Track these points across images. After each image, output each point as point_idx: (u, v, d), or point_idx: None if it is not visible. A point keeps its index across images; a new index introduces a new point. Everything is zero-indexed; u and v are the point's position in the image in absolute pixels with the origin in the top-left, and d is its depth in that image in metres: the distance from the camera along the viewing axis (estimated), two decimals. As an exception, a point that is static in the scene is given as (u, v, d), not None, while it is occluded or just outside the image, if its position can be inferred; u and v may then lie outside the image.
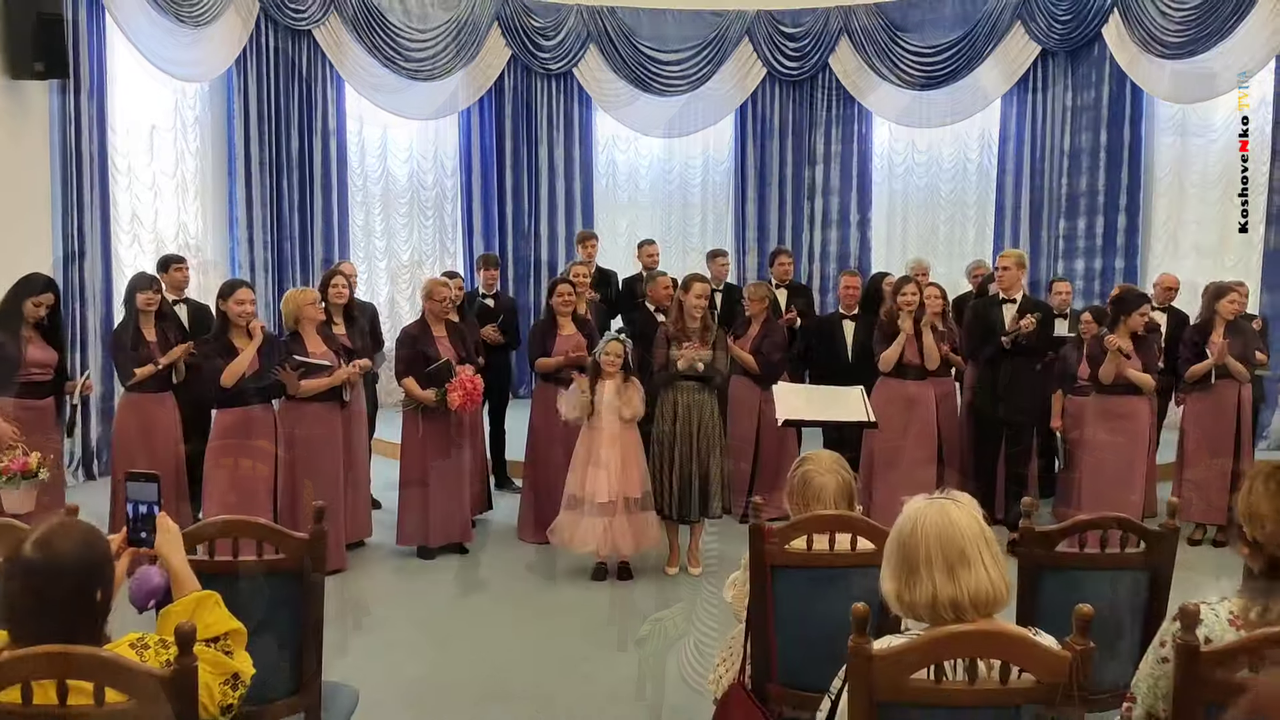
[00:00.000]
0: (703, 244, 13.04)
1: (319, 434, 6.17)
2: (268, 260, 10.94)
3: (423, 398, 6.49)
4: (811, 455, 3.13)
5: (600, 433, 6.18)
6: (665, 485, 6.30)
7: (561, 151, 12.89)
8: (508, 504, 7.95)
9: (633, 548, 6.18)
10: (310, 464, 6.15)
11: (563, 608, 5.87)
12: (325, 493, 6.18)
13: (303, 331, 6.20)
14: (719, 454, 6.31)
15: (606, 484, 6.10)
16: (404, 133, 12.50)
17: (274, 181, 11.07)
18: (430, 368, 6.50)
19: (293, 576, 2.91)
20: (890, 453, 6.52)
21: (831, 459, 3.09)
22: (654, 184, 13.40)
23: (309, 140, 11.41)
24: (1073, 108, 12.05)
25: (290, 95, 11.22)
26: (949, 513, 2.14)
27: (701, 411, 6.28)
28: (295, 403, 6.09)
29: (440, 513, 6.65)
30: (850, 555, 2.97)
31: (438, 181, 12.73)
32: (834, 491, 3.03)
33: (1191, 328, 7.25)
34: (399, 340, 6.78)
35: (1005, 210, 12.58)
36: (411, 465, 6.65)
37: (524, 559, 6.73)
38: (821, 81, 12.96)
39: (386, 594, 6.08)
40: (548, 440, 7.00)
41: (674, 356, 6.26)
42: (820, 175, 13.02)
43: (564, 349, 6.94)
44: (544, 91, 12.85)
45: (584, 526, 6.12)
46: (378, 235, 12.46)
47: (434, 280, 6.85)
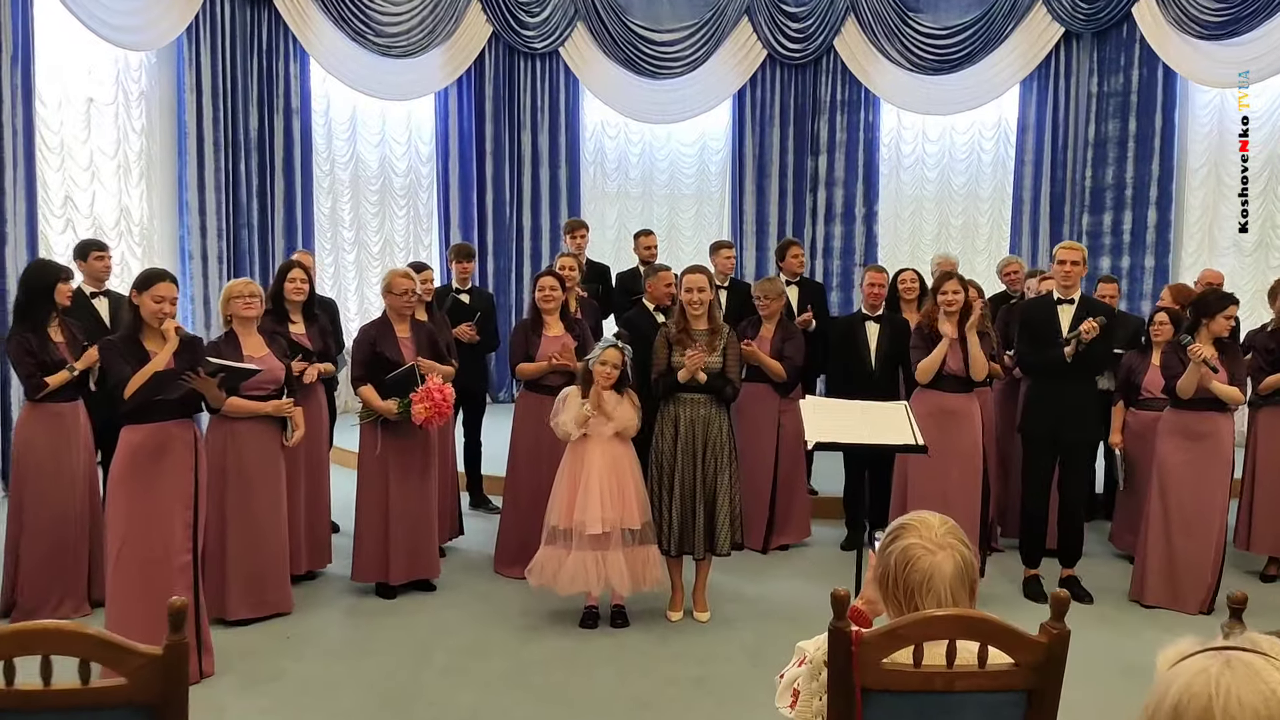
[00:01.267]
0: (697, 238, 12.34)
1: (256, 456, 5.19)
2: (222, 250, 9.98)
3: (383, 409, 5.53)
4: (915, 521, 2.16)
5: (590, 452, 5.23)
6: (664, 514, 5.34)
7: (546, 138, 12.12)
8: (483, 527, 7.00)
9: (630, 588, 5.22)
10: (245, 493, 5.17)
11: (546, 662, 4.90)
12: (263, 527, 5.24)
13: (238, 331, 5.22)
14: (729, 478, 5.35)
15: (600, 512, 5.15)
16: (375, 114, 11.62)
17: (230, 164, 10.12)
18: (392, 374, 5.53)
19: (135, 715, 1.90)
20: (928, 479, 5.58)
21: (944, 528, 2.13)
22: (645, 174, 12.65)
23: (269, 119, 10.47)
24: (1098, 94, 11.37)
25: (249, 69, 10.28)
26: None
27: (708, 428, 5.33)
28: (224, 422, 5.12)
29: (403, 544, 5.68)
30: (978, 674, 2.02)
31: (412, 168, 11.89)
32: (951, 576, 2.06)
33: (1267, 333, 6.39)
34: (355, 341, 5.80)
35: (1023, 204, 11.84)
36: (370, 488, 5.68)
37: (501, 599, 5.77)
38: (826, 65, 12.23)
39: (334, 645, 5.10)
40: (532, 456, 6.05)
41: (675, 363, 5.31)
42: (824, 166, 12.25)
43: (550, 352, 5.99)
44: (528, 72, 12.07)
45: (571, 563, 5.15)
46: (346, 225, 11.52)
47: (395, 272, 5.88)
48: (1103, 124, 11.25)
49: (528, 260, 12.11)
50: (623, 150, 12.58)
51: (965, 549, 2.11)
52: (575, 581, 5.16)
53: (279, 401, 5.20)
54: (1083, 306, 5.70)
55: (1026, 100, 11.74)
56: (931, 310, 5.73)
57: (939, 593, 2.06)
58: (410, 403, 5.47)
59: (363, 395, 5.60)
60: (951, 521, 2.16)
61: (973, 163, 12.20)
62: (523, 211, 12.11)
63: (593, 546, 5.16)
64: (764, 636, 5.25)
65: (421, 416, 5.45)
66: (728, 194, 12.50)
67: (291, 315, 6.02)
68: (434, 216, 11.91)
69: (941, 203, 12.26)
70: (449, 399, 5.53)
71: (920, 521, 2.18)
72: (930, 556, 2.08)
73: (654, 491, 5.34)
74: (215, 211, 9.91)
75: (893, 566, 2.12)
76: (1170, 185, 10.86)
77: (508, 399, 11.32)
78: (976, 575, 2.13)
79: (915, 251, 12.00)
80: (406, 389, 5.51)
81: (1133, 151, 11.04)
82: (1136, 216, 11.04)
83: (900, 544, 2.13)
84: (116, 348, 4.44)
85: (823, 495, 7.65)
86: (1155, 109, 10.88)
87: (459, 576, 6.12)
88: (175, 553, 4.46)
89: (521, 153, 12.04)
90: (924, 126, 12.26)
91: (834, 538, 7.03)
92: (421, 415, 5.44)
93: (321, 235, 11.17)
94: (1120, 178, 11.14)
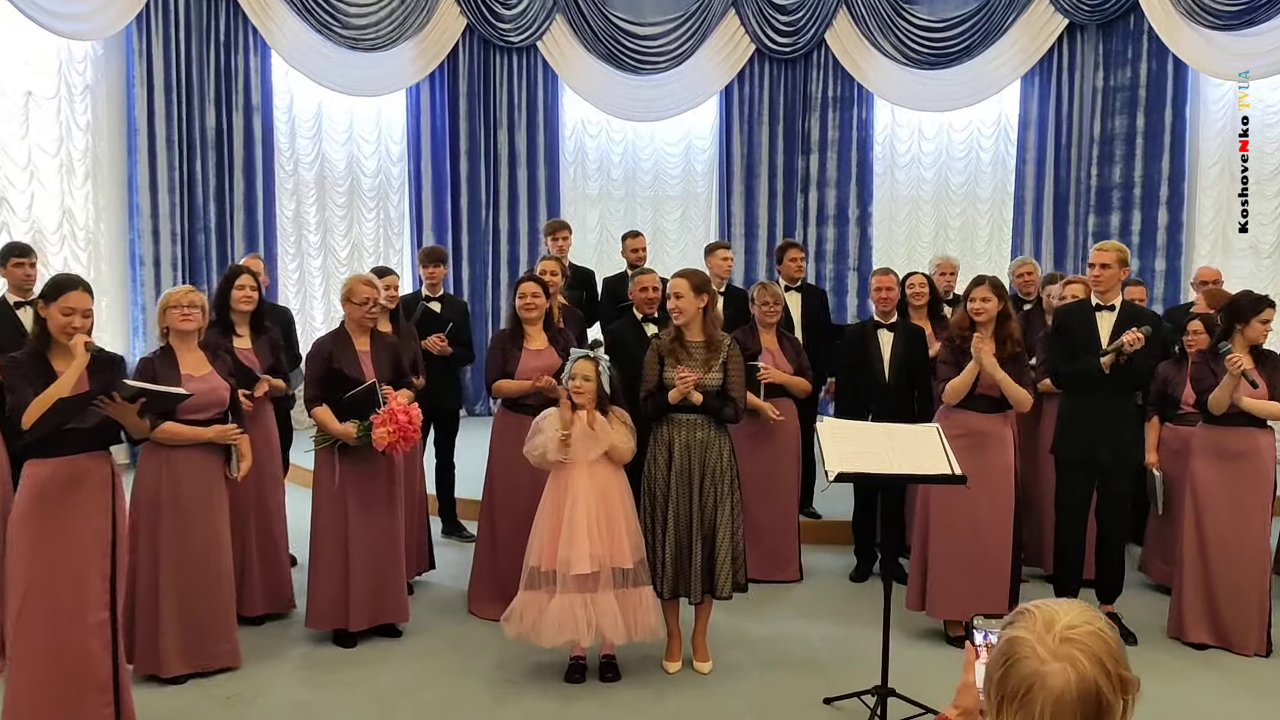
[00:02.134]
0: (682, 242, 11.82)
1: (196, 489, 4.52)
2: (176, 256, 9.33)
3: (340, 433, 4.89)
4: (1038, 610, 1.56)
5: (575, 480, 4.61)
6: (657, 552, 4.70)
7: (524, 136, 11.50)
8: (456, 559, 6.37)
9: (623, 636, 4.59)
10: (183, 531, 4.50)
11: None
12: (204, 569, 4.57)
13: (176, 346, 4.56)
14: (730, 510, 4.69)
15: (587, 548, 4.51)
16: (342, 111, 10.95)
17: (185, 163, 9.49)
18: (350, 394, 4.89)
19: None
20: (956, 507, 4.96)
21: (1070, 630, 1.51)
22: (628, 174, 12.08)
23: (227, 116, 9.84)
24: (1105, 89, 10.83)
25: (204, 61, 9.64)
26: None
27: (706, 453, 4.68)
28: (158, 449, 4.46)
29: (365, 587, 5.02)
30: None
31: (382, 168, 11.24)
32: (1057, 697, 1.47)
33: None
34: (309, 356, 5.15)
35: (1025, 205, 11.32)
36: (326, 523, 5.02)
37: (475, 646, 5.12)
38: (817, 59, 11.66)
39: (281, 707, 4.42)
40: (509, 482, 5.41)
41: (667, 380, 4.66)
42: (815, 165, 11.67)
43: (534, 367, 5.36)
44: (504, 67, 11.45)
45: (556, 610, 4.52)
46: (311, 229, 10.84)
47: (357, 278, 5.25)
48: (1109, 120, 10.73)
49: (505, 266, 11.48)
50: (604, 150, 12.00)
51: (1091, 666, 1.50)
52: (562, 630, 4.52)
53: (222, 427, 4.54)
54: (1125, 314, 5.11)
55: (1028, 96, 11.21)
56: (963, 320, 5.10)
57: (1033, 712, 1.47)
58: (371, 425, 4.82)
59: (318, 418, 4.94)
60: (1091, 624, 1.55)
61: (971, 162, 11.66)
62: (499, 214, 11.48)
63: (579, 588, 4.53)
64: (773, 689, 4.63)
65: (384, 442, 4.80)
66: (714, 195, 11.95)
67: (237, 327, 5.37)
68: (405, 219, 11.28)
69: (939, 204, 11.72)
70: (415, 421, 4.89)
71: (1043, 613, 1.59)
72: (1037, 663, 1.51)
73: (645, 526, 4.70)
74: (169, 214, 9.28)
75: (995, 657, 1.58)
76: (1182, 184, 10.36)
77: (485, 412, 10.68)
78: (1110, 702, 1.52)
79: (912, 255, 11.48)
80: (367, 410, 4.87)
81: (1141, 149, 10.51)
82: (1146, 217, 10.53)
83: (1010, 632, 1.59)
84: (21, 366, 3.78)
85: (826, 519, 7.05)
86: (1165, 104, 10.37)
87: (429, 619, 5.46)
88: (90, 608, 3.81)
89: (498, 152, 11.42)
90: (920, 124, 11.71)
91: (840, 567, 6.42)
92: (384, 440, 4.80)
93: (285, 240, 10.53)
94: (1128, 176, 10.62)
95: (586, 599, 4.53)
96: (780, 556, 6.17)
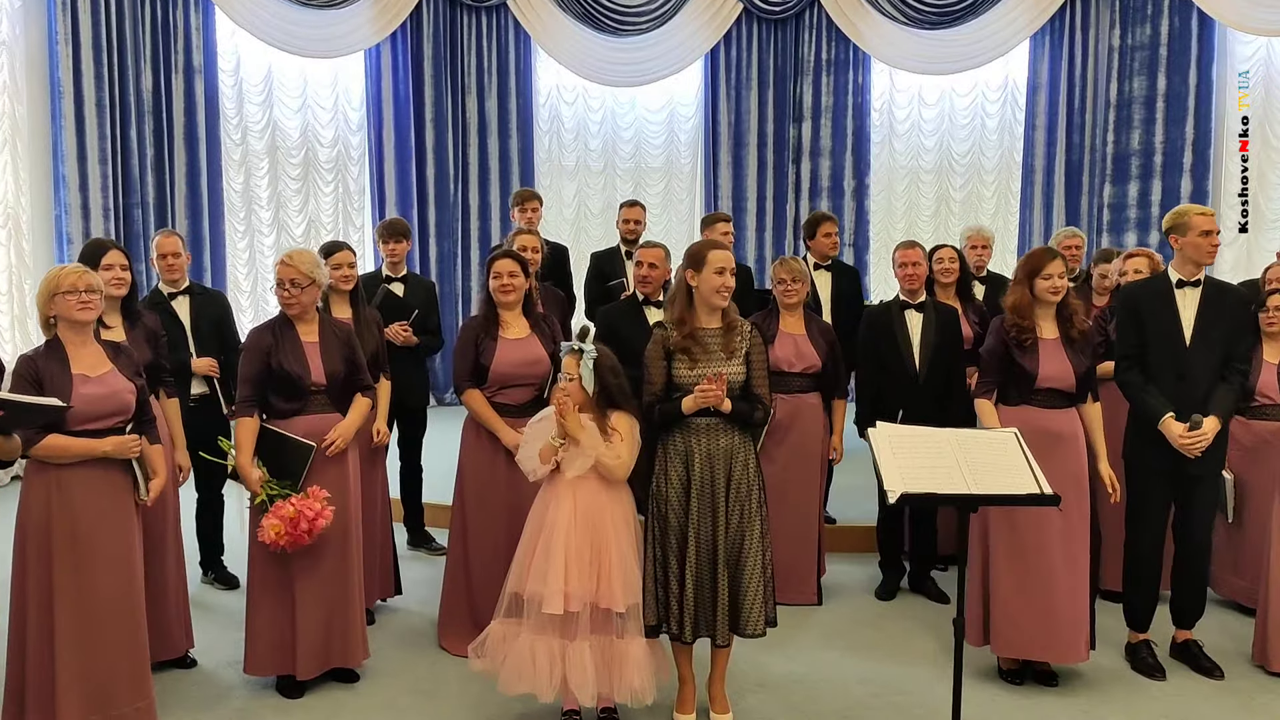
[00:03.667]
0: (666, 217, 11.19)
1: (96, 513, 3.65)
2: (109, 232, 8.49)
3: (245, 474, 4.08)
4: None
5: (559, 497, 3.79)
6: (672, 587, 3.85)
7: (494, 103, 10.79)
8: (425, 576, 5.55)
9: (591, 698, 3.75)
10: (80, 564, 3.64)
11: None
12: (108, 607, 3.70)
13: (67, 340, 3.69)
14: (759, 533, 3.87)
15: (562, 584, 3.69)
16: (295, 74, 10.15)
17: (118, 130, 8.68)
18: (281, 431, 4.07)
19: None
20: (1023, 519, 4.17)
21: None
22: (607, 144, 11.40)
23: (166, 78, 9.05)
24: (1121, 48, 10.23)
25: (139, 17, 8.83)
26: None
27: (731, 465, 3.84)
28: (46, 469, 3.59)
29: (314, 626, 4.18)
30: None
31: (340, 137, 10.45)
32: None
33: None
34: (244, 347, 4.28)
35: (1035, 174, 10.75)
36: (265, 553, 4.16)
37: (446, 691, 4.30)
38: (809, 20, 11.05)
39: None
40: (482, 490, 4.57)
41: (680, 381, 3.81)
42: (808, 134, 11.06)
43: (513, 360, 4.52)
44: (472, 27, 10.71)
45: (517, 651, 3.71)
46: (262, 204, 10.00)
47: (298, 253, 4.35)
48: (1126, 82, 10.16)
49: (475, 242, 10.71)
50: (581, 118, 11.27)
51: None
52: (521, 677, 3.70)
53: (122, 438, 3.66)
54: (1210, 291, 4.33)
55: (1038, 56, 10.64)
56: (1025, 302, 4.29)
57: None
58: (274, 499, 3.98)
59: (239, 437, 4.07)
60: None
61: (976, 128, 11.11)
62: (469, 187, 10.71)
63: (552, 630, 3.71)
64: (808, 747, 3.85)
65: (269, 535, 3.94)
66: (700, 167, 11.28)
67: (106, 316, 4.30)
68: (366, 194, 10.49)
69: (941, 174, 11.17)
70: (315, 533, 4.01)
71: None
72: None
73: (655, 556, 3.86)
74: (100, 187, 8.47)
75: None
76: (1207, 150, 9.80)
77: (455, 402, 9.81)
78: None
79: (911, 229, 10.89)
80: (285, 469, 4.04)
81: (1162, 113, 9.95)
82: (1167, 186, 9.95)
83: None
84: None
85: (842, 524, 6.27)
86: (1189, 63, 9.81)
87: (391, 656, 4.63)
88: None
89: (466, 120, 10.66)
90: (920, 88, 11.15)
91: (862, 581, 5.64)
92: (271, 533, 3.94)
93: (234, 215, 9.73)
94: (1148, 143, 10.05)
95: (556, 646, 3.71)
96: (795, 574, 5.36)
